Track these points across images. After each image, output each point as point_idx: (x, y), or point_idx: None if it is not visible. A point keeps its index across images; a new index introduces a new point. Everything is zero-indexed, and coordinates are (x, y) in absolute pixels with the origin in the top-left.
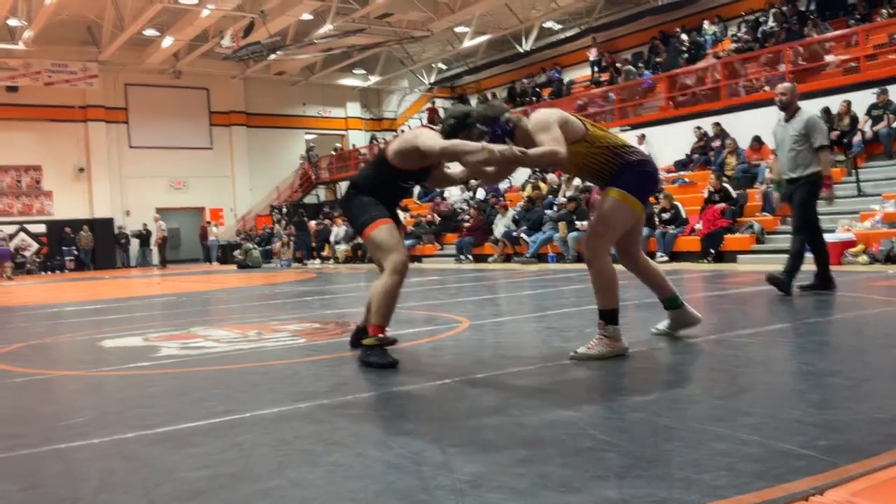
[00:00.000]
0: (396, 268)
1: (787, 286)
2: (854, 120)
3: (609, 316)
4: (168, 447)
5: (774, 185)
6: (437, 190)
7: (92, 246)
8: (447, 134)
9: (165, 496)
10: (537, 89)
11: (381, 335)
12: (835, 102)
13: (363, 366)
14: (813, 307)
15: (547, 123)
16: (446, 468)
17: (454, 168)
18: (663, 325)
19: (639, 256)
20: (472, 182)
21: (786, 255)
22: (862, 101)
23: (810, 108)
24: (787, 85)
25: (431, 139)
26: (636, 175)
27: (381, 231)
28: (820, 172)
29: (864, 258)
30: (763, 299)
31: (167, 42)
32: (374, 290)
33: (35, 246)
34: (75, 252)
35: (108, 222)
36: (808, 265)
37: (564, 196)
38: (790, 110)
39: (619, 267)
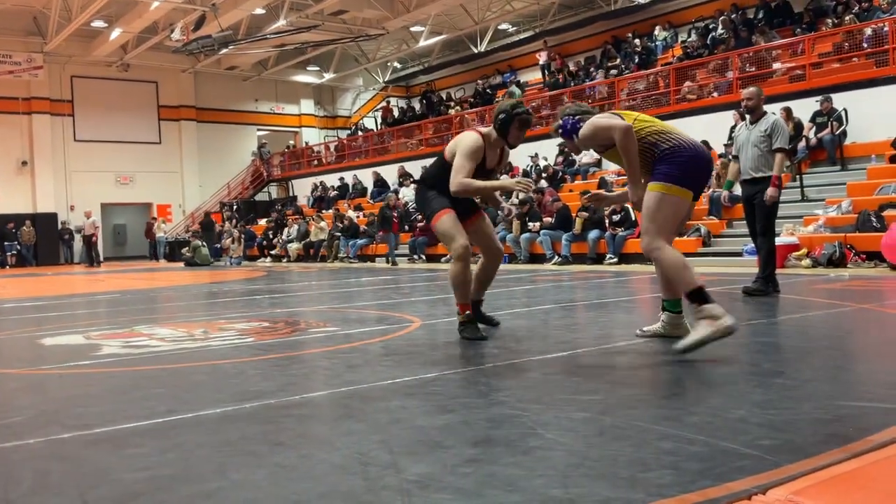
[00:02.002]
0: (458, 254)
1: (773, 286)
2: (799, 126)
3: (697, 296)
4: (106, 448)
5: (726, 185)
6: (390, 189)
7: (34, 241)
8: (498, 130)
9: (101, 498)
10: (488, 91)
11: (468, 311)
12: (779, 109)
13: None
14: (757, 309)
15: (590, 133)
16: (393, 468)
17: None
18: (653, 327)
19: None
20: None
21: (731, 258)
22: (807, 108)
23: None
24: (753, 89)
25: (461, 152)
26: (673, 164)
27: (444, 221)
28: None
29: (807, 262)
30: None
31: (115, 34)
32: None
33: None
34: (17, 247)
35: (52, 217)
36: (751, 268)
37: (517, 198)
38: (756, 114)
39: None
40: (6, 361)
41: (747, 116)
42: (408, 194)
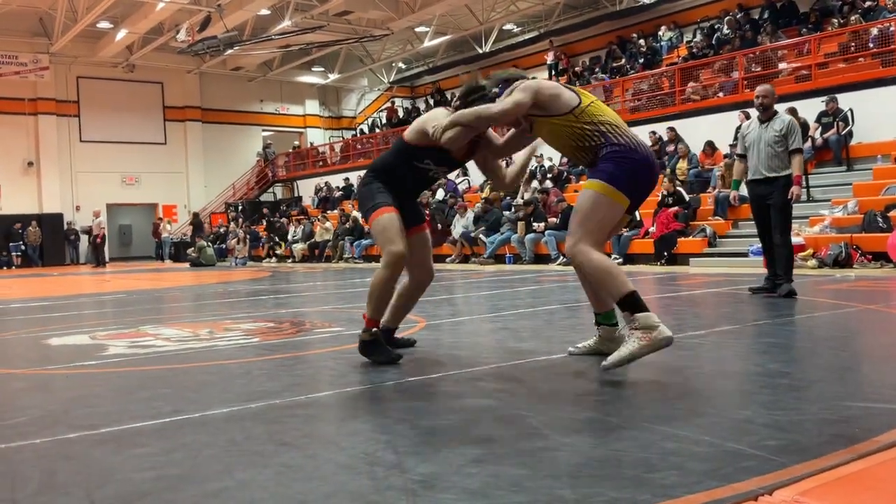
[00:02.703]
0: (391, 260)
1: (790, 289)
2: (804, 127)
3: (629, 304)
4: (112, 448)
5: (734, 185)
6: None
7: (40, 242)
8: (457, 108)
9: (108, 498)
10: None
11: (374, 329)
12: (785, 109)
13: (365, 358)
14: (763, 309)
15: (514, 90)
16: (399, 469)
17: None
18: (587, 343)
19: None
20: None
21: (737, 258)
22: (812, 108)
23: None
24: (767, 87)
25: (436, 118)
26: (621, 167)
27: (384, 219)
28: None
29: (813, 262)
30: (714, 301)
31: (121, 35)
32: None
33: None
34: (22, 248)
35: (58, 218)
36: (756, 268)
37: (522, 198)
38: (769, 112)
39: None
40: (12, 361)
41: (755, 114)
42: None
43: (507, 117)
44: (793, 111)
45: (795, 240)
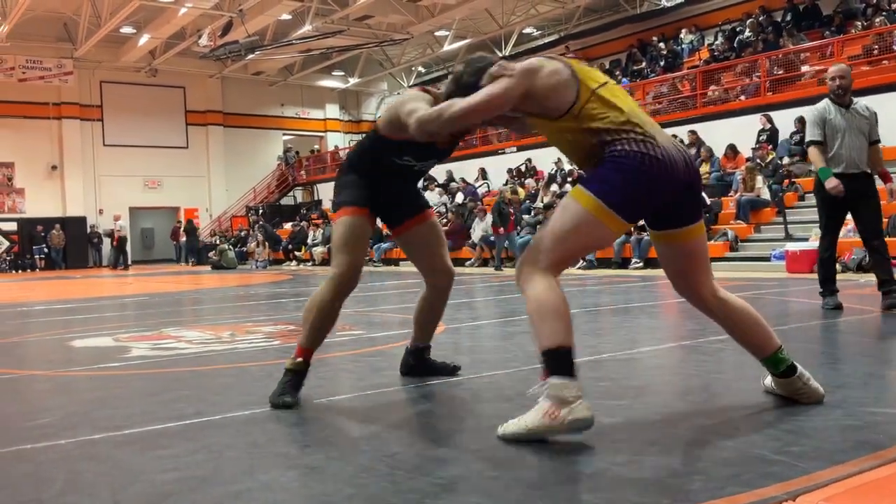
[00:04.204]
0: (335, 277)
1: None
2: None
3: (552, 361)
4: (136, 449)
5: (825, 173)
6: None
7: (63, 244)
8: (462, 93)
9: (132, 498)
10: None
11: (301, 359)
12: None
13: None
14: (786, 314)
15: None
16: (420, 472)
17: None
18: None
19: (707, 290)
20: (452, 185)
21: (759, 262)
22: None
23: (786, 117)
24: (843, 66)
25: (409, 100)
26: (627, 179)
27: (343, 224)
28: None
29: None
30: None
31: (144, 40)
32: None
33: (6, 244)
34: (46, 250)
35: (81, 221)
36: (779, 273)
37: (542, 201)
38: (848, 97)
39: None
40: (37, 363)
41: (830, 99)
42: (433, 199)
43: (485, 113)
44: (800, 120)
45: (816, 244)
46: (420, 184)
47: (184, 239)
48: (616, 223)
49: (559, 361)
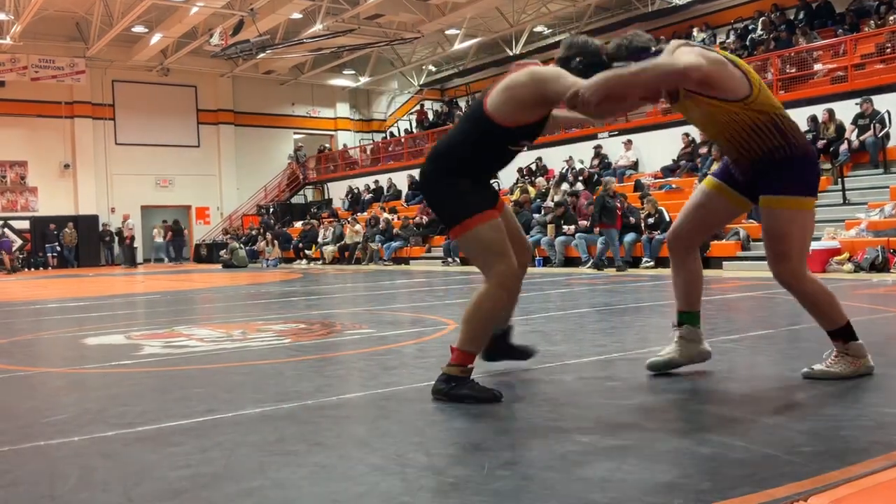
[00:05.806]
0: (504, 281)
1: None
2: (840, 129)
3: (843, 333)
4: (149, 446)
5: None
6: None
7: (76, 243)
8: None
9: (145, 495)
10: None
11: (469, 365)
12: (822, 111)
13: (448, 400)
14: (797, 314)
15: (674, 49)
16: (430, 470)
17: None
18: (666, 351)
19: (693, 250)
20: None
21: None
22: (849, 110)
23: (798, 116)
24: None
25: (563, 77)
26: (811, 169)
27: (486, 230)
28: None
29: (848, 266)
30: (747, 305)
31: (155, 39)
32: (470, 303)
33: (19, 242)
34: (58, 249)
35: (93, 219)
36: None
37: (552, 200)
38: None
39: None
40: (50, 360)
41: None
42: None
43: (679, 81)
44: (830, 113)
45: (830, 243)
46: None
47: (169, 238)
48: (809, 203)
49: (850, 331)
